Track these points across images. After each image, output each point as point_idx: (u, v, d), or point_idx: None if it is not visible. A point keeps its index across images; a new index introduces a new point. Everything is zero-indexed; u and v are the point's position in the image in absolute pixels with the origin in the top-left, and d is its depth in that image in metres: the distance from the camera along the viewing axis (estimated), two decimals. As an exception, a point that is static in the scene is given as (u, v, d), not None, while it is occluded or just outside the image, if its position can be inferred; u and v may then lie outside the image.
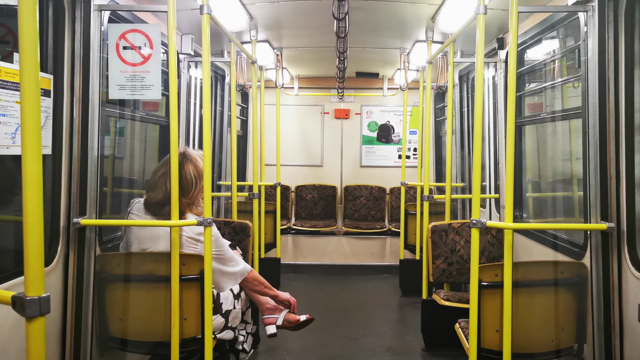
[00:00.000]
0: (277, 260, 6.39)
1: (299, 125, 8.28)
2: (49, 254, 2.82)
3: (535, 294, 3.05)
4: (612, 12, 2.94)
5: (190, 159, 3.15)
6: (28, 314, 1.55)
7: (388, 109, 8.30)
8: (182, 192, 2.97)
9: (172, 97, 2.92)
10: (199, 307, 2.95)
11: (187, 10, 4.09)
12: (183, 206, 3.03)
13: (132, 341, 3.09)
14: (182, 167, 3.07)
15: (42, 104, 2.69)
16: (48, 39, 2.81)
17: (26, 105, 1.59)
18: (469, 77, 6.12)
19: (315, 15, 4.49)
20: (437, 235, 4.29)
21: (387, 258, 7.61)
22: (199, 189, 3.14)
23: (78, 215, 2.95)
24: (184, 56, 4.80)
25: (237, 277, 3.21)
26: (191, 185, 3.12)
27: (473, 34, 3.10)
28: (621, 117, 2.90)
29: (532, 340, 3.03)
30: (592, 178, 3.05)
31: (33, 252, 1.57)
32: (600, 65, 2.99)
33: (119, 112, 3.70)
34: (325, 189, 8.19)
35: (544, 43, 4.15)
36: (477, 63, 3.05)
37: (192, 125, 5.20)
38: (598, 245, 3.00)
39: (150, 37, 3.09)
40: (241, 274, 3.22)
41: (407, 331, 5.11)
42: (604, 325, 2.96)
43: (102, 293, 3.08)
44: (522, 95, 4.49)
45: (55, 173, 2.86)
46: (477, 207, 3.11)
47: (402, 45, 5.67)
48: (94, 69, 2.98)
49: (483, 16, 3.00)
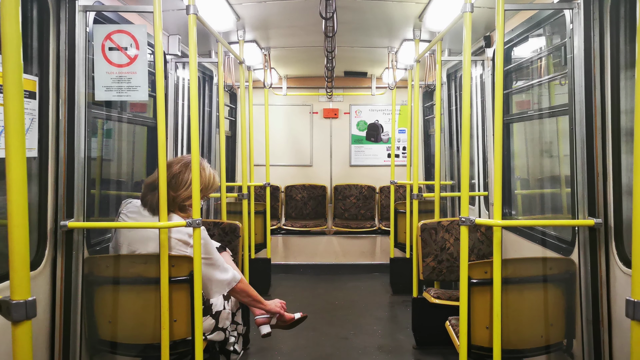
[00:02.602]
0: (267, 261, 6.38)
1: (288, 125, 8.28)
2: (37, 257, 2.79)
3: (524, 291, 3.06)
4: (598, 9, 2.96)
5: (184, 164, 3.14)
6: (14, 318, 1.54)
7: (377, 108, 8.31)
8: (173, 190, 3.04)
9: (160, 98, 2.90)
10: (189, 309, 2.93)
11: (173, 10, 4.07)
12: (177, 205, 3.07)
13: (121, 344, 3.07)
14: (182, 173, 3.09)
15: (28, 106, 2.67)
16: (32, 41, 2.79)
17: (10, 108, 1.58)
18: (457, 76, 6.14)
19: (303, 15, 4.48)
20: (426, 234, 4.31)
21: (377, 257, 7.63)
22: (182, 187, 3.10)
23: (65, 218, 2.93)
24: (171, 57, 4.78)
25: (224, 285, 3.14)
26: (180, 183, 3.09)
27: (460, 33, 3.11)
28: (607, 113, 2.93)
29: (521, 336, 3.05)
30: (579, 174, 3.07)
31: (18, 256, 1.55)
32: (586, 62, 3.01)
33: (106, 114, 3.68)
34: (315, 188, 8.19)
35: (530, 41, 4.17)
36: (464, 61, 3.06)
37: (180, 127, 5.18)
38: (586, 241, 3.02)
39: (137, 37, 3.07)
40: (229, 283, 3.15)
41: (398, 330, 5.12)
42: (592, 321, 2.98)
43: (91, 296, 3.05)
44: (509, 93, 4.51)
45: (41, 176, 2.83)
46: (465, 205, 3.12)
47: (390, 44, 5.67)
48: (79, 70, 2.95)
49: (470, 14, 3.01)
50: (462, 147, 3.11)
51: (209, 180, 3.23)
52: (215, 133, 6.57)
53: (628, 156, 2.84)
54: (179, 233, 2.99)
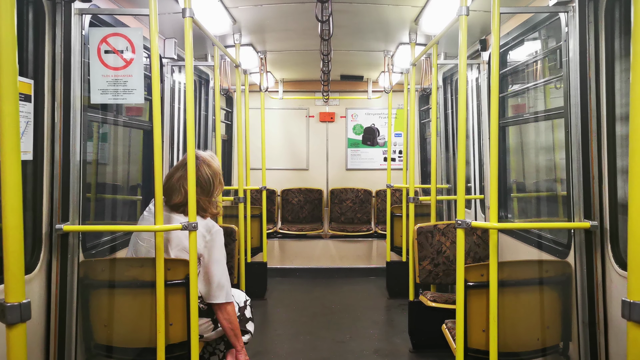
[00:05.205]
0: (263, 265, 6.37)
1: (284, 129, 8.28)
2: (32, 260, 2.78)
3: (520, 293, 3.06)
4: (593, 13, 2.98)
5: (202, 160, 3.24)
6: (8, 320, 1.54)
7: (373, 112, 8.32)
8: (203, 192, 3.18)
9: (155, 101, 2.90)
10: (185, 312, 2.92)
11: (169, 13, 4.07)
12: (206, 205, 3.20)
13: (117, 348, 3.05)
14: (198, 170, 3.16)
15: (23, 109, 2.66)
16: (28, 43, 2.78)
17: (4, 111, 1.57)
18: (452, 79, 6.16)
19: (299, 19, 4.49)
20: (423, 237, 4.31)
21: (373, 260, 7.62)
22: (216, 185, 3.26)
23: (61, 221, 2.92)
24: (167, 60, 4.77)
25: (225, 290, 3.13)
26: (209, 184, 3.23)
27: (456, 36, 3.11)
28: (602, 116, 2.94)
29: (518, 339, 3.05)
30: (575, 177, 3.08)
31: (13, 259, 1.55)
32: (582, 65, 3.02)
33: (102, 117, 3.67)
34: (312, 192, 8.19)
35: (526, 44, 4.18)
36: (460, 65, 3.07)
37: (176, 130, 5.17)
38: (582, 244, 3.03)
39: (132, 40, 3.06)
40: (227, 294, 3.12)
41: (394, 333, 5.11)
42: (588, 323, 2.98)
43: (86, 300, 3.04)
44: (505, 96, 4.53)
45: (36, 179, 2.82)
46: (462, 208, 3.12)
47: (385, 48, 5.69)
48: (75, 73, 2.95)
49: (465, 18, 3.02)
50: (458, 151, 3.11)
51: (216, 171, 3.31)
52: (211, 137, 6.56)
53: (623, 159, 2.85)
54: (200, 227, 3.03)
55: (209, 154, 3.34)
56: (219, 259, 3.10)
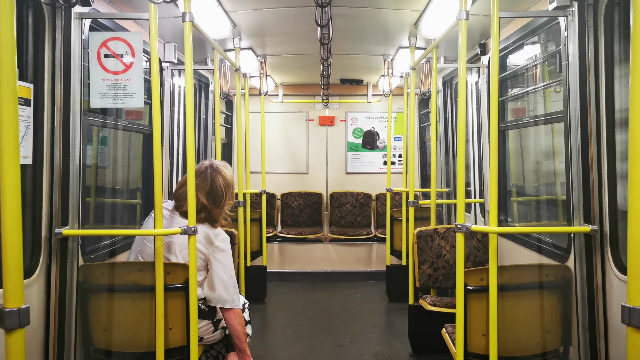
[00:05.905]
0: (263, 268, 6.36)
1: (283, 133, 8.28)
2: (31, 265, 2.77)
3: (520, 298, 3.06)
4: (592, 17, 2.98)
5: (219, 171, 3.26)
6: (7, 326, 1.53)
7: (373, 116, 8.33)
8: (215, 204, 3.18)
9: (155, 105, 2.90)
10: (184, 317, 2.92)
11: (169, 17, 4.07)
12: (216, 215, 3.19)
13: (116, 352, 3.05)
14: (214, 180, 3.20)
15: (23, 113, 2.66)
16: (28, 48, 2.78)
17: (4, 115, 1.57)
18: (452, 83, 6.16)
19: (299, 23, 4.49)
20: (422, 241, 4.30)
21: (373, 264, 7.61)
22: (228, 197, 3.27)
23: (60, 225, 2.91)
24: (167, 64, 4.78)
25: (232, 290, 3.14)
26: (222, 196, 3.23)
27: (456, 40, 3.12)
28: (602, 120, 2.94)
29: (518, 343, 3.04)
30: (574, 181, 3.08)
31: (12, 263, 1.54)
32: (581, 69, 3.03)
33: (101, 121, 3.67)
34: (311, 196, 8.18)
35: (525, 48, 4.19)
36: (459, 69, 3.07)
37: (176, 134, 5.17)
38: (582, 248, 3.02)
39: (132, 45, 3.07)
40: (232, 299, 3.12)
41: (394, 337, 5.10)
42: (588, 328, 2.98)
43: (85, 304, 3.03)
44: (504, 100, 4.53)
45: (36, 183, 2.82)
46: (462, 212, 3.12)
47: (385, 52, 5.69)
48: (75, 77, 2.95)
49: (465, 22, 3.02)
50: (458, 154, 3.11)
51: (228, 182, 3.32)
52: (211, 140, 6.56)
53: (623, 163, 2.85)
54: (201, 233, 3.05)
55: (223, 163, 3.36)
56: (229, 265, 3.14)
